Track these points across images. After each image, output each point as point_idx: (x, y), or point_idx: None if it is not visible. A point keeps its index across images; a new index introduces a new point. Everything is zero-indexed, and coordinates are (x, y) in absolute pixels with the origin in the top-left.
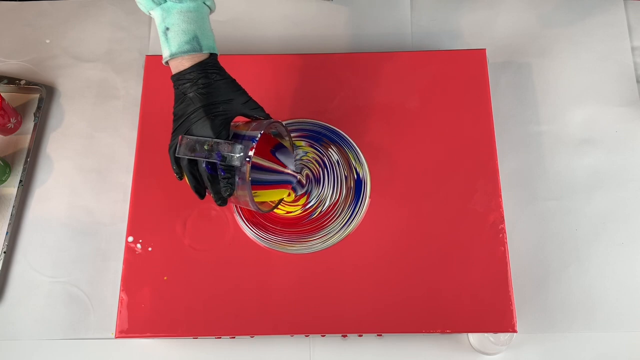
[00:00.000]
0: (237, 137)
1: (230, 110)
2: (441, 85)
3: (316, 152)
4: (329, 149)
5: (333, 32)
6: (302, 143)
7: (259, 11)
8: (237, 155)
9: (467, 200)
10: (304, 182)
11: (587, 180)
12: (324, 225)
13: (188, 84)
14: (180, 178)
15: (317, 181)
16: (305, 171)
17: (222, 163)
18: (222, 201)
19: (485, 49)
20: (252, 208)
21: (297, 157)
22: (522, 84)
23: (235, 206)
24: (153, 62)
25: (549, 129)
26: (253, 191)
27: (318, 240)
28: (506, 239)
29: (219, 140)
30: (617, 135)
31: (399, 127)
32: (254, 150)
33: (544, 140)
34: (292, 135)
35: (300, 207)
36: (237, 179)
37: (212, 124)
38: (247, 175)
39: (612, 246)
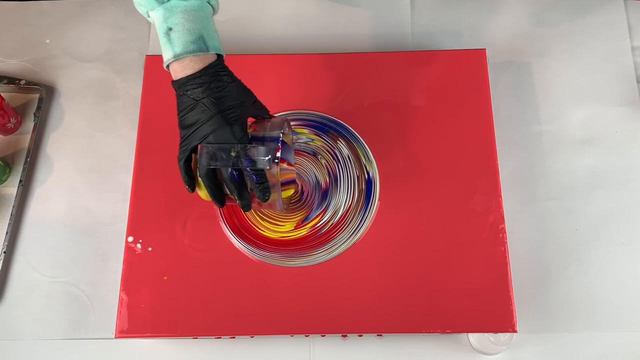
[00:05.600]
0: (255, 140)
1: (244, 113)
2: (441, 85)
3: (325, 142)
4: (338, 142)
5: (333, 32)
6: (305, 130)
7: (260, 11)
8: (266, 158)
9: (467, 200)
10: (328, 180)
11: (587, 180)
12: (331, 238)
13: (199, 88)
14: (192, 190)
15: (335, 180)
16: (322, 160)
17: (253, 168)
18: (248, 207)
19: (485, 49)
20: (278, 209)
21: (302, 141)
22: (522, 84)
23: (223, 217)
24: (153, 62)
25: (549, 129)
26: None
27: (323, 252)
28: (506, 239)
29: (245, 145)
30: (617, 135)
31: (399, 127)
32: (280, 151)
33: (544, 140)
34: (294, 124)
35: (308, 228)
36: None
37: (233, 130)
38: (278, 176)
39: (612, 246)
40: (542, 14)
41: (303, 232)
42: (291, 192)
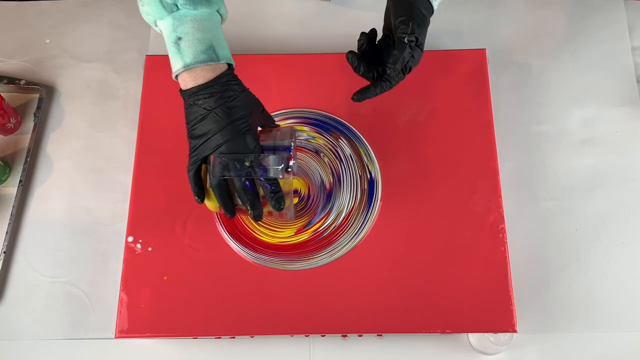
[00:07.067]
0: (266, 149)
1: (254, 123)
2: (441, 85)
3: (327, 140)
4: (340, 141)
5: (333, 32)
6: (305, 128)
7: (260, 11)
8: (280, 167)
9: (467, 200)
10: (332, 180)
11: (587, 180)
12: (333, 241)
13: (211, 98)
14: (202, 201)
15: (339, 180)
16: (325, 158)
17: (267, 177)
18: (260, 217)
19: (485, 49)
20: (288, 217)
21: (302, 139)
22: (522, 84)
23: (220, 221)
24: (153, 62)
25: (549, 129)
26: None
27: (324, 256)
28: (506, 239)
29: (258, 155)
30: (617, 135)
31: (399, 127)
32: (293, 160)
33: (544, 140)
34: (294, 122)
35: (309, 233)
36: None
37: (246, 140)
38: (291, 185)
39: (612, 246)
40: (542, 14)
41: (304, 236)
42: (295, 200)
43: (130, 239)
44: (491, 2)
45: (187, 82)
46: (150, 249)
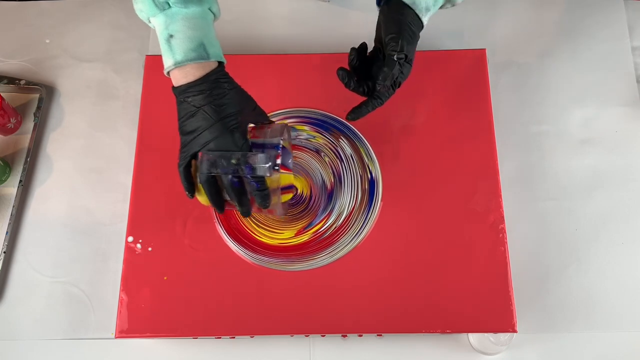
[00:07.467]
0: (255, 146)
1: (244, 120)
2: (441, 85)
3: (327, 140)
4: (340, 140)
5: (333, 32)
6: (306, 127)
7: (260, 11)
8: (267, 165)
9: (467, 200)
10: (333, 180)
11: (587, 180)
12: (333, 242)
13: (200, 95)
14: (192, 196)
15: (339, 180)
16: (326, 158)
17: (253, 175)
18: (248, 213)
19: (485, 49)
20: (278, 214)
21: (302, 138)
22: (522, 84)
23: (219, 221)
24: (153, 62)
25: (549, 129)
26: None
27: (325, 256)
28: (506, 239)
29: (245, 152)
30: (617, 135)
31: (400, 127)
32: (280, 158)
33: (544, 140)
34: (294, 121)
35: (310, 234)
36: None
37: (234, 138)
38: (278, 183)
39: (612, 246)
40: (542, 14)
41: (304, 238)
42: (290, 196)
43: (130, 239)
44: (491, 2)
45: (178, 79)
46: (150, 249)
